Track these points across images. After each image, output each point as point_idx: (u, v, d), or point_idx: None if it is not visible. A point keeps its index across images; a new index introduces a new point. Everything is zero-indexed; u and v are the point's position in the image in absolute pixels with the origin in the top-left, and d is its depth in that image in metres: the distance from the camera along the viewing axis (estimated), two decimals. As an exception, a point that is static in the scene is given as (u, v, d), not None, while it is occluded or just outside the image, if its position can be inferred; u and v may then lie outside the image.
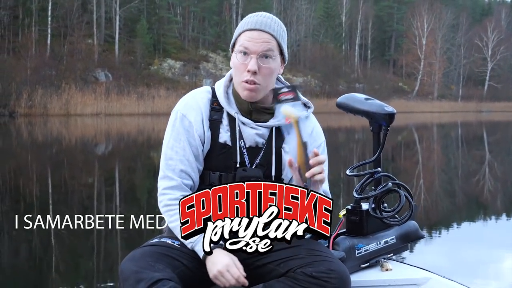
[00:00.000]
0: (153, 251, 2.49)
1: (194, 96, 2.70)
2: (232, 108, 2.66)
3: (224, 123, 2.66)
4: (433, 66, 77.74)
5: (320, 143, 2.78)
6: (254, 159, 2.67)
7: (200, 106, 2.66)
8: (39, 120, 34.83)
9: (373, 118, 3.23)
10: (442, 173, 15.52)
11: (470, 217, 9.16)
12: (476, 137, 30.51)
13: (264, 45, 2.56)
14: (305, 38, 73.50)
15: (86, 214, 3.56)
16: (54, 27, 49.77)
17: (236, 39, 2.61)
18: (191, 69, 56.87)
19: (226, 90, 2.70)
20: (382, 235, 3.13)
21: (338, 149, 19.72)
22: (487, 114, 65.28)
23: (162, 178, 2.64)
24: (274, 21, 2.60)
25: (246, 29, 2.57)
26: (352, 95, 3.38)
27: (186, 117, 2.65)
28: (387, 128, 3.21)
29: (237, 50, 2.58)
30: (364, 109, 3.25)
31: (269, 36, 2.57)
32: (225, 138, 2.66)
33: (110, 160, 17.10)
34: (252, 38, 2.55)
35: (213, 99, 2.69)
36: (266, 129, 2.68)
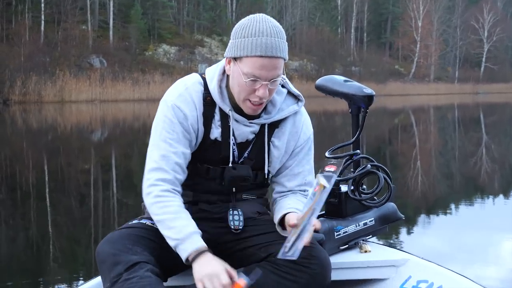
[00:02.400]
0: (131, 233, 2.44)
1: (187, 88, 2.55)
2: (226, 104, 2.54)
3: (216, 118, 2.56)
4: (429, 48, 77.67)
5: (309, 135, 2.72)
6: (243, 153, 2.61)
7: (194, 101, 2.53)
8: (34, 107, 34.75)
9: (352, 100, 3.25)
10: (439, 155, 15.48)
11: (464, 200, 9.08)
12: (472, 119, 30.51)
13: (275, 72, 2.41)
14: (300, 21, 73.40)
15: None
16: (48, 13, 49.51)
17: (241, 57, 2.41)
18: (186, 54, 56.68)
19: (220, 84, 2.55)
20: (361, 217, 3.13)
21: (334, 133, 19.65)
22: (483, 96, 65.33)
23: (155, 170, 2.49)
24: (280, 36, 2.42)
25: (256, 55, 2.37)
26: (331, 77, 3.37)
27: (180, 109, 2.51)
28: (366, 110, 3.26)
29: (245, 74, 2.39)
30: (343, 91, 3.25)
31: (280, 60, 2.42)
32: (216, 135, 2.56)
33: (106, 147, 17.04)
34: (263, 66, 2.38)
35: (205, 92, 2.55)
36: (258, 125, 2.59)
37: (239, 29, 2.43)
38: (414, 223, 7.29)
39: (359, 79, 64.75)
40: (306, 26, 72.69)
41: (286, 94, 2.64)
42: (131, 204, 8.24)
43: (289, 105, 2.63)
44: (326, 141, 15.99)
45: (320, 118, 26.87)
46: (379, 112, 32.67)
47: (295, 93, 2.66)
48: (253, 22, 2.42)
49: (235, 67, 2.44)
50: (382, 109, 36.36)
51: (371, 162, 3.09)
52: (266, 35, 2.38)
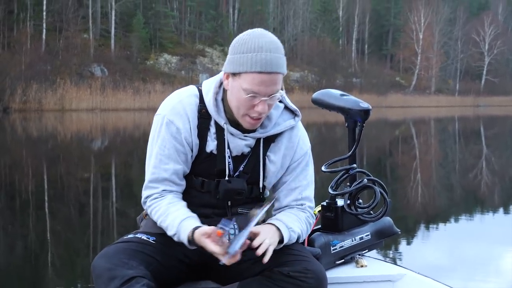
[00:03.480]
0: (127, 247, 2.43)
1: (180, 101, 2.55)
2: (222, 117, 2.53)
3: (211, 131, 2.55)
4: (430, 60, 77.73)
5: (306, 150, 2.69)
6: (238, 166, 2.59)
7: (187, 113, 2.52)
8: (34, 115, 34.75)
9: (348, 114, 3.24)
10: (439, 168, 15.46)
11: (464, 212, 9.07)
12: (473, 131, 30.51)
13: (275, 88, 2.40)
14: (302, 32, 73.50)
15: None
16: (49, 21, 49.55)
17: (240, 73, 2.39)
18: (188, 63, 56.75)
19: (216, 97, 2.54)
20: (357, 231, 3.14)
21: (335, 144, 19.62)
22: (484, 109, 65.36)
23: (146, 188, 2.58)
24: (279, 51, 2.41)
25: (256, 72, 2.36)
26: (327, 91, 3.37)
27: (173, 123, 2.51)
28: (363, 124, 3.25)
29: (244, 89, 2.38)
30: (339, 105, 3.25)
31: (279, 75, 2.40)
32: (211, 147, 2.55)
33: (106, 155, 17.03)
34: (262, 82, 2.37)
35: (201, 105, 2.54)
36: (254, 139, 2.58)
37: (238, 45, 2.41)
38: (412, 236, 7.27)
39: (360, 90, 65.08)
40: (308, 37, 72.76)
41: (283, 109, 2.63)
42: (131, 213, 8.21)
43: (286, 120, 2.62)
44: (327, 152, 15.98)
45: (320, 129, 26.88)
46: (380, 123, 32.68)
47: (292, 108, 2.65)
48: (252, 37, 2.40)
49: (234, 83, 2.42)
50: (383, 121, 36.36)
51: (367, 176, 3.09)
52: (265, 51, 2.36)
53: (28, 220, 8.18)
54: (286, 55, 2.48)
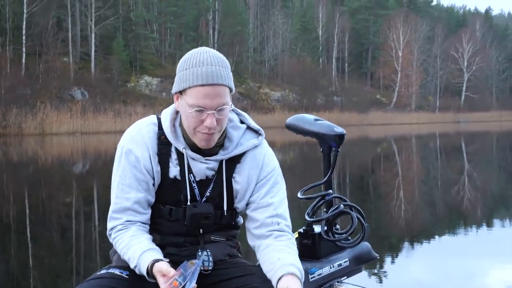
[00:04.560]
0: (99, 284, 2.39)
1: (139, 130, 2.54)
2: (180, 143, 2.51)
3: (173, 157, 2.53)
4: (410, 77, 78.30)
5: (273, 167, 2.63)
6: (204, 192, 2.55)
7: (146, 141, 2.51)
8: (14, 140, 34.52)
9: (322, 139, 3.22)
10: (422, 184, 15.49)
11: (446, 229, 9.04)
12: (454, 147, 30.66)
13: (220, 100, 2.38)
14: (282, 52, 73.87)
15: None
16: (29, 45, 49.38)
17: (184, 89, 2.40)
18: (169, 85, 56.58)
19: (173, 123, 2.54)
20: (335, 258, 3.10)
21: (314, 165, 19.62)
22: (464, 125, 65.79)
23: (109, 220, 2.54)
24: (221, 65, 2.41)
25: (198, 85, 2.37)
26: (301, 116, 3.33)
27: (132, 152, 2.51)
28: (337, 149, 3.19)
29: (190, 105, 2.38)
30: (313, 130, 3.22)
31: (222, 87, 2.39)
32: (174, 173, 2.53)
33: (87, 179, 16.93)
34: (206, 95, 2.36)
35: (159, 131, 2.53)
36: (216, 162, 2.55)
37: (182, 63, 2.43)
38: (394, 257, 7.23)
39: (341, 108, 65.40)
40: (288, 57, 73.13)
41: (246, 129, 2.61)
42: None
43: (248, 139, 2.59)
44: (308, 173, 15.95)
45: (302, 148, 26.88)
46: (361, 141, 32.75)
47: (255, 128, 2.63)
48: (195, 54, 2.42)
49: (182, 101, 2.43)
50: (364, 139, 36.46)
51: (344, 202, 3.05)
52: (207, 65, 2.37)
53: (10, 245, 8.09)
54: (266, 75, 2.47)
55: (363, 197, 12.71)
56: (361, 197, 12.51)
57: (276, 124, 42.87)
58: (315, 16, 79.57)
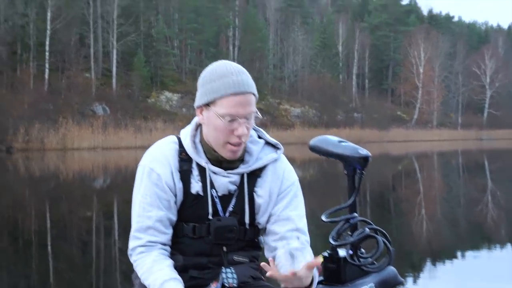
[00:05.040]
0: None
1: (160, 148, 2.57)
2: (201, 157, 2.53)
3: (194, 173, 2.54)
4: (431, 94, 77.90)
5: (293, 181, 2.66)
6: (227, 207, 2.55)
7: (167, 158, 2.53)
8: (36, 155, 34.77)
9: (347, 162, 3.14)
10: (444, 202, 15.36)
11: (469, 249, 8.93)
12: (477, 165, 30.41)
13: (251, 108, 2.44)
14: (302, 68, 73.83)
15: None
16: (52, 61, 49.95)
17: (214, 100, 2.43)
18: (189, 101, 56.84)
19: (193, 139, 2.56)
20: (360, 282, 3.02)
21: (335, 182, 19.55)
22: (487, 142, 65.31)
23: (131, 239, 2.54)
24: (247, 74, 2.48)
25: (230, 94, 2.40)
26: (325, 138, 3.29)
27: (153, 170, 2.52)
28: (362, 171, 3.13)
29: (221, 115, 2.41)
30: (337, 152, 3.17)
31: (252, 96, 2.45)
32: (197, 189, 2.53)
33: (108, 194, 17.00)
34: (239, 103, 2.40)
35: (180, 149, 2.56)
36: (237, 175, 2.55)
37: (206, 76, 2.47)
38: (417, 278, 7.14)
39: (361, 125, 65.13)
40: (308, 73, 73.07)
41: (264, 144, 2.62)
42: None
43: (268, 154, 2.60)
44: (329, 191, 15.88)
45: (322, 165, 26.80)
46: (382, 158, 32.61)
47: (272, 142, 2.64)
48: (218, 66, 2.48)
49: (210, 113, 2.45)
50: (385, 155, 36.30)
51: (369, 225, 3.00)
52: (236, 74, 2.43)
53: (31, 260, 8.12)
54: (286, 91, 2.48)
55: (383, 215, 12.61)
56: (382, 215, 12.42)
57: (296, 140, 42.88)
58: (335, 32, 79.53)
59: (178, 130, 2.66)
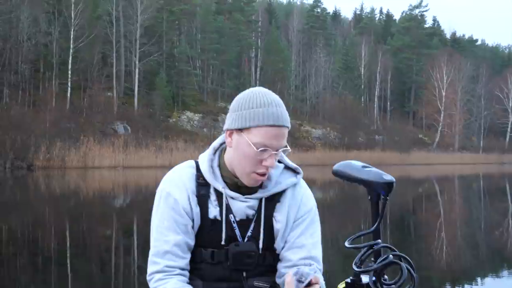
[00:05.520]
0: None
1: (177, 173, 2.55)
2: (219, 182, 2.50)
3: (212, 198, 2.51)
4: (454, 117, 77.60)
5: (310, 207, 2.62)
6: (245, 232, 2.51)
7: (184, 183, 2.51)
8: (57, 173, 34.96)
9: (371, 187, 3.07)
10: (465, 226, 15.21)
11: (489, 273, 8.81)
12: (498, 189, 30.14)
13: (283, 142, 2.43)
14: (324, 90, 73.89)
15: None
16: (74, 80, 50.28)
17: (249, 127, 2.40)
18: (210, 121, 57.06)
19: (211, 164, 2.53)
20: None
21: (355, 205, 19.42)
22: (509, 166, 64.79)
23: (149, 264, 2.50)
24: (284, 108, 2.46)
25: (268, 125, 2.38)
26: (348, 163, 3.22)
27: (170, 194, 2.49)
28: (386, 197, 3.04)
29: (254, 144, 2.38)
30: (361, 178, 3.09)
31: (286, 129, 2.44)
32: (214, 213, 2.49)
33: (128, 213, 17.03)
34: (274, 136, 2.39)
35: (197, 173, 2.53)
36: (256, 200, 2.52)
37: (243, 101, 2.44)
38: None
39: (382, 147, 64.84)
40: (330, 95, 73.12)
41: (283, 168, 2.59)
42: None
43: (287, 178, 2.57)
44: (349, 214, 15.79)
45: (343, 187, 26.67)
46: (403, 181, 32.42)
47: (292, 167, 2.61)
48: (258, 94, 2.44)
49: (241, 139, 2.41)
50: (406, 179, 36.09)
51: (392, 252, 2.94)
52: (275, 106, 2.40)
53: (50, 276, 8.13)
54: (308, 112, 2.44)
55: (405, 239, 12.50)
56: (403, 239, 12.31)
57: (317, 162, 42.79)
58: (357, 54, 79.60)
59: (199, 150, 2.63)
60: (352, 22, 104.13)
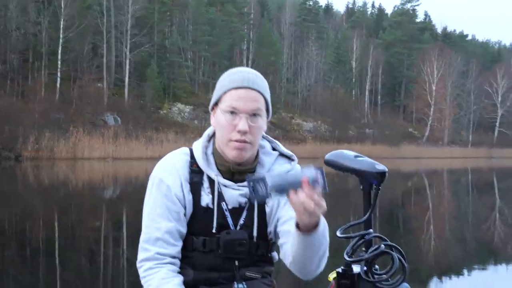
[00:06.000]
0: None
1: (171, 159, 2.54)
2: (212, 170, 2.49)
3: (205, 185, 2.49)
4: (443, 112, 77.83)
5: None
6: (238, 220, 2.49)
7: (177, 169, 2.49)
8: (46, 163, 34.82)
9: (363, 177, 3.06)
10: (453, 220, 15.27)
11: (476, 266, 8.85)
12: (486, 183, 30.26)
13: (253, 104, 2.40)
14: (315, 83, 73.96)
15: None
16: (64, 71, 50.03)
17: (220, 97, 2.44)
18: (201, 113, 56.95)
19: (205, 151, 2.52)
20: None
21: (346, 197, 19.46)
22: (497, 161, 65.04)
23: (140, 250, 2.48)
24: (258, 77, 2.46)
25: (233, 88, 2.41)
26: (341, 152, 3.20)
27: (163, 181, 2.48)
28: (379, 187, 3.04)
29: (224, 110, 2.40)
30: (353, 167, 3.09)
31: (257, 93, 2.42)
32: (207, 201, 2.48)
33: (117, 204, 16.99)
34: (241, 97, 2.39)
35: (191, 160, 2.51)
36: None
37: (219, 80, 2.50)
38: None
39: (373, 141, 64.93)
40: (321, 88, 73.19)
41: (277, 155, 2.57)
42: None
43: (281, 165, 2.55)
44: (340, 206, 15.81)
45: (333, 179, 26.69)
46: (392, 174, 32.49)
47: (287, 154, 2.60)
48: (232, 69, 2.51)
49: (217, 112, 2.44)
50: (396, 172, 36.17)
51: (384, 241, 2.92)
52: (244, 72, 2.45)
53: (38, 268, 8.11)
54: (299, 106, 2.40)
55: (394, 231, 12.53)
56: (392, 232, 12.34)
57: (308, 155, 42.76)
58: (349, 48, 79.66)
59: (189, 142, 2.63)
60: (344, 15, 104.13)
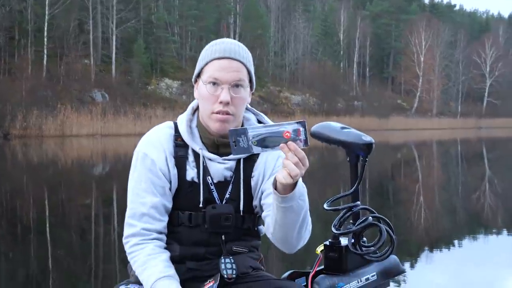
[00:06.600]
0: None
1: (155, 133, 2.51)
2: (197, 143, 2.46)
3: (190, 159, 2.46)
4: (432, 83, 77.97)
5: None
6: (223, 194, 2.46)
7: (162, 143, 2.46)
8: (34, 141, 34.70)
9: (350, 149, 3.02)
10: (442, 191, 15.33)
11: (466, 237, 8.90)
12: (475, 154, 30.39)
13: (235, 74, 2.38)
14: (303, 56, 73.78)
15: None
16: (50, 47, 49.64)
17: (202, 68, 2.42)
18: (189, 88, 56.72)
19: (189, 124, 2.50)
20: (362, 271, 2.94)
21: (334, 170, 19.49)
22: (486, 131, 65.32)
23: (126, 226, 2.45)
24: (241, 48, 2.44)
25: (214, 58, 2.38)
26: (327, 124, 3.16)
27: (147, 155, 2.45)
28: (365, 159, 3.00)
29: (206, 81, 2.37)
30: (340, 139, 3.04)
31: (239, 64, 2.39)
32: (192, 175, 2.45)
33: (107, 181, 16.97)
34: (222, 68, 2.36)
35: (176, 134, 2.48)
36: (233, 161, 2.48)
37: (202, 52, 2.47)
38: (415, 265, 7.09)
39: (361, 113, 65.11)
40: (309, 61, 73.04)
41: None
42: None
43: None
44: (328, 179, 15.83)
45: (322, 153, 26.73)
46: (381, 147, 32.57)
47: None
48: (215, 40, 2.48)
49: (199, 84, 2.43)
50: (385, 144, 36.26)
51: (371, 214, 2.90)
52: (225, 43, 2.43)
53: (29, 246, 8.11)
54: (287, 79, 2.36)
55: (382, 203, 12.57)
56: (381, 204, 12.37)
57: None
58: (336, 20, 79.43)
59: (177, 117, 2.58)
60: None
